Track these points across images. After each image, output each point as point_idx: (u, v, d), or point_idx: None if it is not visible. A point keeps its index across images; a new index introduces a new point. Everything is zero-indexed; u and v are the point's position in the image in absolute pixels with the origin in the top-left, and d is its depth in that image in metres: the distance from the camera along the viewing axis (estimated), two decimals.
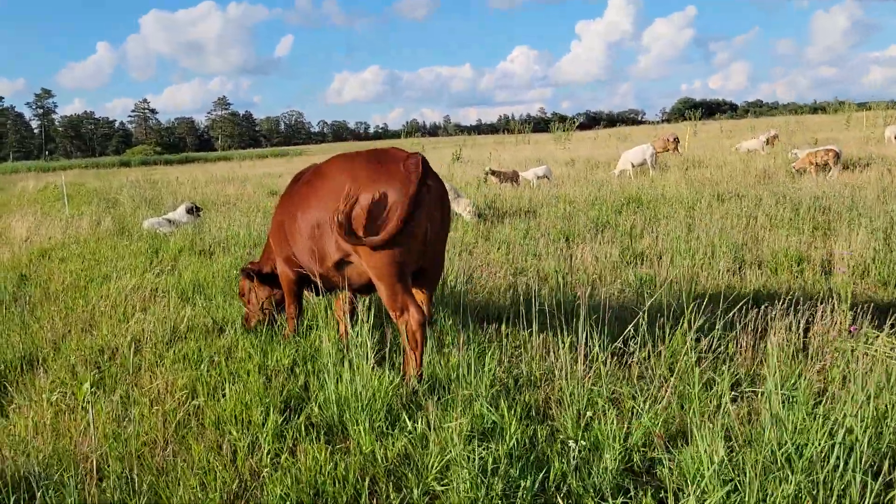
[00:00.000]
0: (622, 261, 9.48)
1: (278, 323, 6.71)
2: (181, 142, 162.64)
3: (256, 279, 6.76)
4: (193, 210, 15.44)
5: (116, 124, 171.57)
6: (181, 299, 7.70)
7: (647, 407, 4.35)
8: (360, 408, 4.37)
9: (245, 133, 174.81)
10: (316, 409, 4.53)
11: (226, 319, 6.81)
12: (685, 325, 5.43)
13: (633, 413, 4.43)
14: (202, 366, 5.41)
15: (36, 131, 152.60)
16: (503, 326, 6.38)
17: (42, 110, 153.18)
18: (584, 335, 4.90)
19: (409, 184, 4.87)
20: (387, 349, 5.73)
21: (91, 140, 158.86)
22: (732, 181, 17.58)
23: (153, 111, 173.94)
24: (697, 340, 5.22)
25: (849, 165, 19.26)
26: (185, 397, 4.89)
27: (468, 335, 5.69)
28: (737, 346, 5.43)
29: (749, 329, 5.46)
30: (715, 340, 5.36)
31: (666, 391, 4.54)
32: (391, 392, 4.60)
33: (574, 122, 46.68)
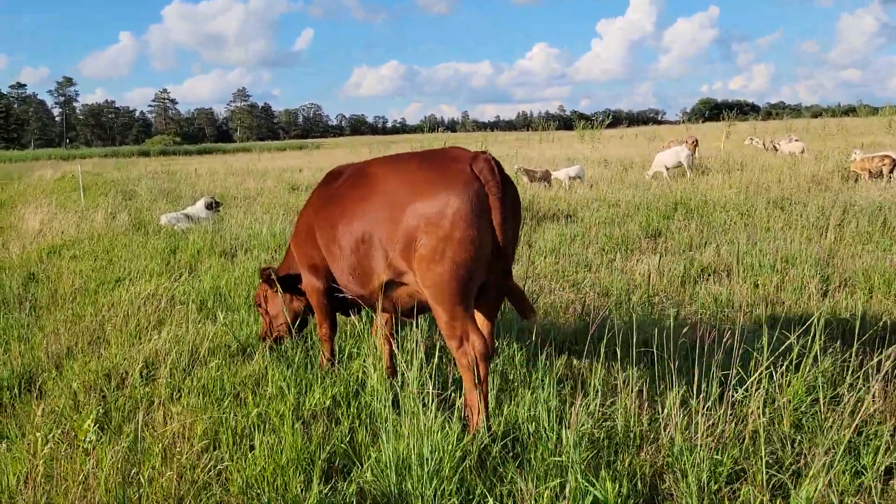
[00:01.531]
0: (687, 276, 8.53)
1: (295, 340, 5.84)
2: (200, 132, 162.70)
3: (278, 285, 5.86)
4: (213, 205, 14.61)
5: (136, 114, 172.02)
6: (199, 311, 6.83)
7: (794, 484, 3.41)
8: (425, 476, 3.46)
9: (263, 125, 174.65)
10: (368, 475, 3.62)
11: (250, 339, 5.92)
12: (806, 366, 4.48)
13: (771, 488, 3.50)
14: (225, 403, 4.53)
15: (57, 119, 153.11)
16: (574, 358, 5.47)
17: (64, 98, 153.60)
18: (697, 380, 3.98)
19: (477, 188, 4.08)
20: (443, 385, 4.83)
21: (111, 129, 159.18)
22: (782, 186, 16.51)
23: (173, 101, 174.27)
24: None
25: None
26: (206, 447, 4.01)
27: (540, 371, 4.78)
28: (870, 393, 4.48)
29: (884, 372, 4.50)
30: (842, 386, 4.42)
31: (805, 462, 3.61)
32: (460, 451, 3.70)
33: (603, 121, 45.45)
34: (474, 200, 4.11)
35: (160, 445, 4.01)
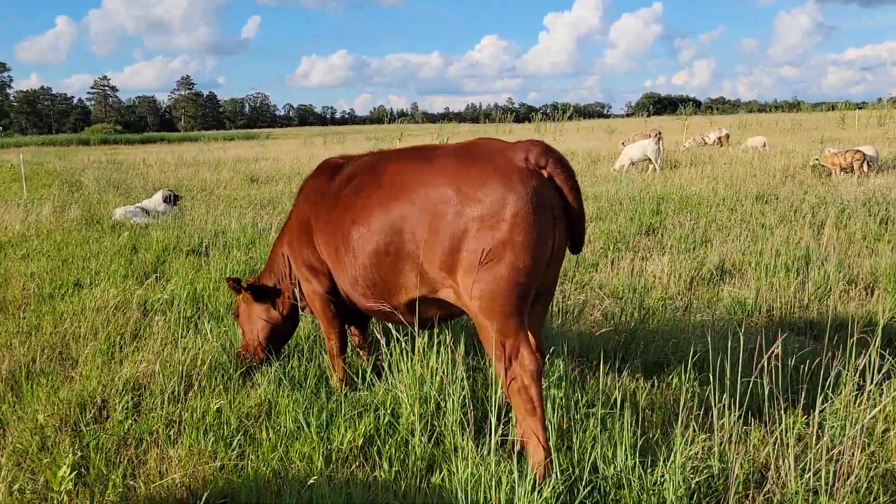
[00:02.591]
0: (699, 276, 8.04)
1: (272, 358, 5.14)
2: (142, 121, 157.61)
3: (250, 294, 5.13)
4: (171, 198, 13.61)
5: (74, 101, 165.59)
6: (179, 322, 6.01)
7: None
8: None
9: (209, 114, 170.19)
10: None
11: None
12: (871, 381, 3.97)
13: None
14: (234, 443, 3.78)
15: None
16: (611, 374, 4.87)
17: None
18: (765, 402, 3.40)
19: (536, 182, 3.55)
20: (479, 406, 4.16)
21: (48, 116, 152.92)
22: (756, 180, 16.29)
23: (113, 89, 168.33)
24: None
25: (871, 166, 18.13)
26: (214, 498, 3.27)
27: (597, 392, 4.16)
28: None
29: None
30: None
31: None
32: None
33: (564, 113, 45.16)
34: (535, 196, 3.52)
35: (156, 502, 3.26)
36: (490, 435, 3.40)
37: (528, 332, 3.73)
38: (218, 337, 5.45)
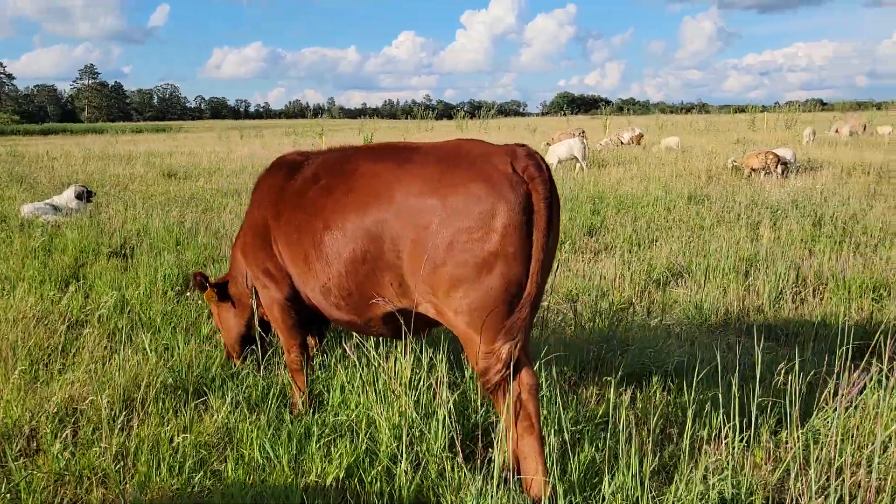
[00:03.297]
0: (650, 278, 7.96)
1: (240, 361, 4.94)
2: (41, 111, 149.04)
3: (213, 292, 4.88)
4: (84, 195, 12.67)
5: None
6: (112, 336, 5.43)
7: None
8: None
9: (114, 105, 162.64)
10: None
11: (198, 374, 4.65)
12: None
13: None
14: (195, 481, 3.32)
15: None
16: (594, 386, 4.65)
17: None
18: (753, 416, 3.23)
19: (525, 189, 3.31)
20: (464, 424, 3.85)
21: None
22: (684, 181, 16.59)
23: (10, 77, 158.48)
24: None
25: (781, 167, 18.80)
26: None
27: (582, 408, 3.91)
28: None
29: None
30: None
31: None
32: None
33: (489, 111, 45.27)
34: (524, 205, 3.29)
35: None
36: (483, 462, 3.09)
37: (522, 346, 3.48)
38: (158, 352, 4.92)
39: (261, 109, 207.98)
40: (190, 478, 3.35)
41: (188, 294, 6.37)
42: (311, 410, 4.12)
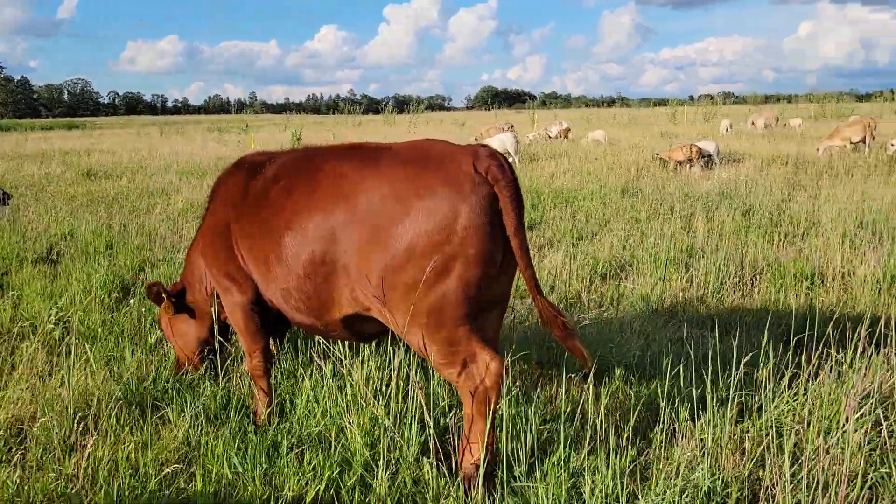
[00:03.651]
0: (594, 271, 8.08)
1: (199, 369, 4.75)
2: None
3: (167, 302, 4.66)
4: (2, 197, 11.98)
5: None
6: (51, 350, 5.14)
7: None
8: None
9: (21, 101, 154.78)
10: None
11: (148, 386, 4.43)
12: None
13: None
14: (161, 502, 3.16)
15: None
16: (557, 382, 4.66)
17: None
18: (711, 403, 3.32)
19: (487, 191, 3.30)
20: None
21: None
22: (615, 174, 16.95)
23: None
24: None
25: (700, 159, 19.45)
26: None
27: (548, 404, 3.92)
28: None
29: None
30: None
31: None
32: None
33: (420, 105, 45.13)
34: (485, 206, 3.29)
35: None
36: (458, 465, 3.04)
37: (482, 338, 3.50)
38: (104, 364, 4.68)
39: (179, 105, 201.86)
40: (155, 497, 3.18)
41: (130, 301, 6.08)
42: (277, 420, 3.99)
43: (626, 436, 3.46)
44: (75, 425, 3.76)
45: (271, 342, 4.75)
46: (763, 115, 33.45)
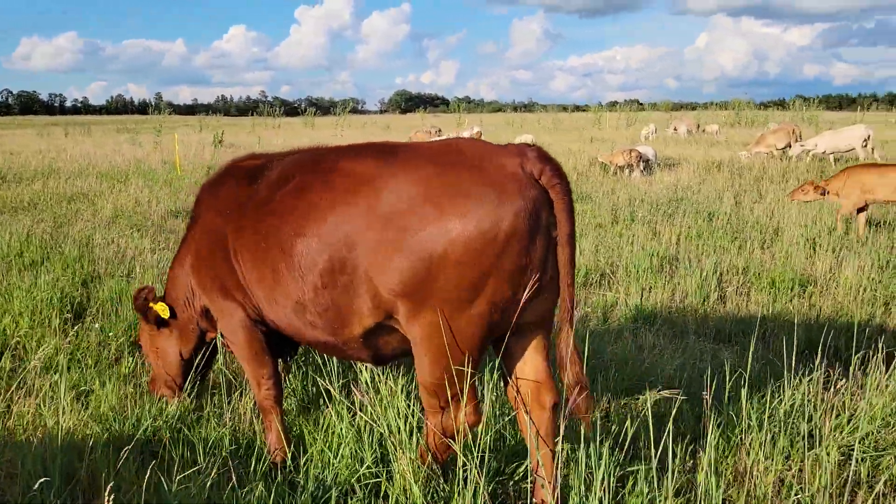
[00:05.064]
0: (578, 281, 7.79)
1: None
2: None
3: (150, 316, 4.27)
4: None
5: None
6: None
7: None
8: None
9: None
10: None
11: (134, 424, 3.79)
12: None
13: None
14: None
15: None
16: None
17: None
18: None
19: (535, 196, 2.94)
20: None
21: None
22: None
23: None
24: None
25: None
26: None
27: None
28: None
29: None
30: None
31: None
32: None
33: (346, 107, 44.26)
34: (532, 215, 2.92)
35: None
36: None
37: (529, 364, 3.33)
38: (71, 398, 4.01)
39: (79, 105, 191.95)
40: None
41: (97, 325, 5.34)
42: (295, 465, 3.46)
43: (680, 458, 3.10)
44: (62, 482, 3.10)
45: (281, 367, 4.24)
46: (684, 121, 34.43)
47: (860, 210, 9.77)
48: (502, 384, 3.50)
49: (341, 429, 3.42)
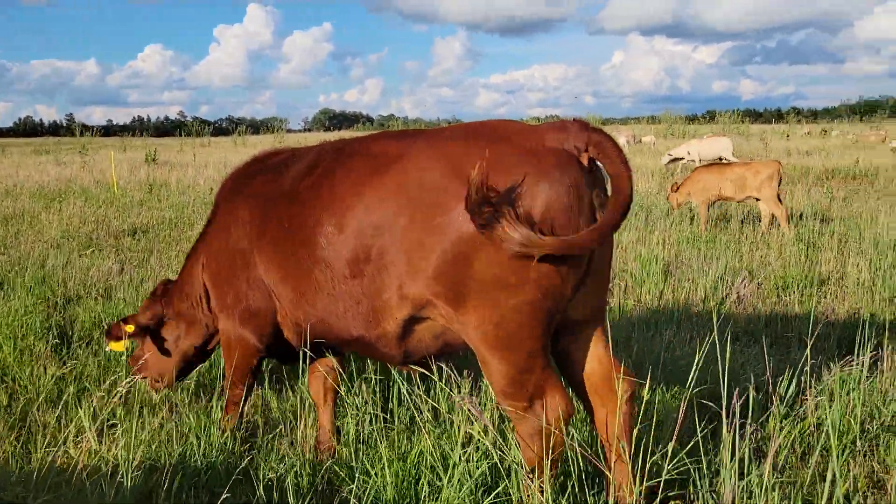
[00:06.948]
0: None
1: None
2: None
3: (134, 327, 4.24)
4: None
5: None
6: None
7: None
8: None
9: None
10: None
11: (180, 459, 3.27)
12: None
13: None
14: None
15: None
16: None
17: None
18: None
19: (577, 173, 2.70)
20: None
21: None
22: None
23: None
24: None
25: None
26: None
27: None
28: None
29: None
30: None
31: None
32: None
33: (282, 126, 43.36)
34: (576, 188, 2.69)
35: None
36: None
37: (592, 355, 3.08)
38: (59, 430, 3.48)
39: None
40: None
41: (106, 346, 4.68)
42: None
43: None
44: None
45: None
46: (623, 133, 35.26)
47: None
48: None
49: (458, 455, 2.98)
